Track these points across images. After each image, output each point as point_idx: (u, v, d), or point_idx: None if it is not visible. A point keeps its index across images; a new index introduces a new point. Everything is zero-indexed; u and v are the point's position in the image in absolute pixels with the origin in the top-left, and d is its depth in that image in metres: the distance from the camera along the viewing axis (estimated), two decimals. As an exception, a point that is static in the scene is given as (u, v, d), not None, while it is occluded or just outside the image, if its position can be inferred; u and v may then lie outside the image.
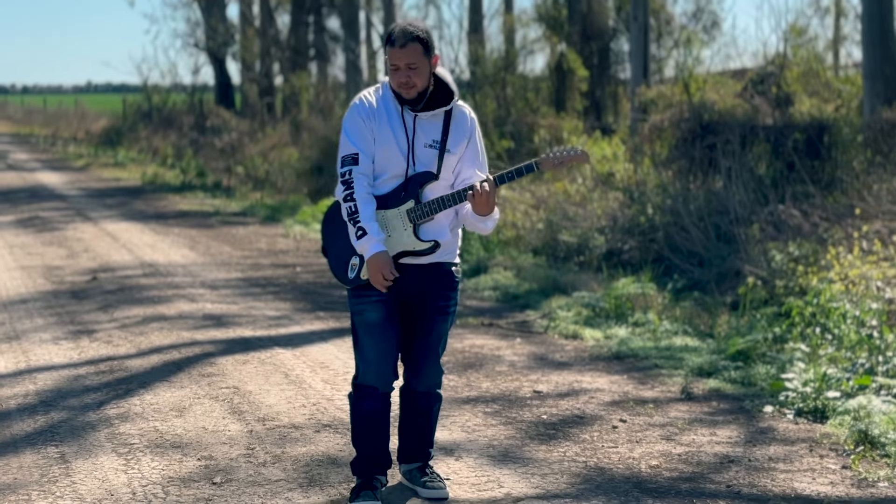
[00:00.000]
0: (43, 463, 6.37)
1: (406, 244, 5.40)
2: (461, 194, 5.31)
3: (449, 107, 5.41)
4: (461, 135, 5.45)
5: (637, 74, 23.12)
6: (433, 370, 5.68)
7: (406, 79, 5.27)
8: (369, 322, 5.49)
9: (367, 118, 5.39)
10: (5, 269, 13.22)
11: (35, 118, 62.37)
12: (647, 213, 14.40)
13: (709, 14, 33.60)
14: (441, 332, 5.61)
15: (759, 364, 8.50)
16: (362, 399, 5.62)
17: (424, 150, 5.39)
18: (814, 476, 6.19)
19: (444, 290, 5.55)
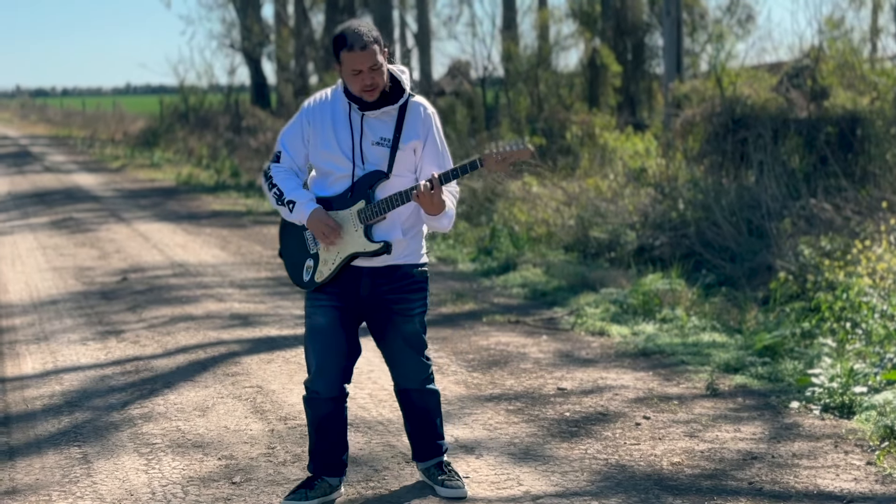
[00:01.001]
0: (65, 463, 6.39)
1: (357, 245, 5.31)
2: (407, 194, 5.21)
3: (399, 104, 5.30)
4: (415, 131, 5.33)
5: (670, 69, 23.01)
6: (413, 367, 5.60)
7: (371, 81, 5.19)
8: (316, 326, 5.46)
9: (307, 121, 5.39)
10: (37, 269, 13.29)
11: (74, 120, 62.69)
12: (679, 208, 14.33)
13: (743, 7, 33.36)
14: (408, 333, 5.51)
15: (787, 360, 8.43)
16: (308, 402, 5.61)
17: (372, 148, 5.29)
18: (837, 472, 6.13)
19: (402, 293, 5.43)
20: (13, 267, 13.58)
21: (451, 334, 9.55)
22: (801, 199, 13.51)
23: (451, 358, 8.71)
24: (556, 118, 22.18)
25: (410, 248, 5.42)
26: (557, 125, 22.00)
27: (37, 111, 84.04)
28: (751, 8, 33.48)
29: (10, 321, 10.39)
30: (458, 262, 13.58)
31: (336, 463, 5.63)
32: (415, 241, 5.44)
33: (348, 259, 5.32)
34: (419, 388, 5.66)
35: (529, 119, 22.54)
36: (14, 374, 8.47)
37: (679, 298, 10.53)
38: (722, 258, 12.80)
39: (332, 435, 5.59)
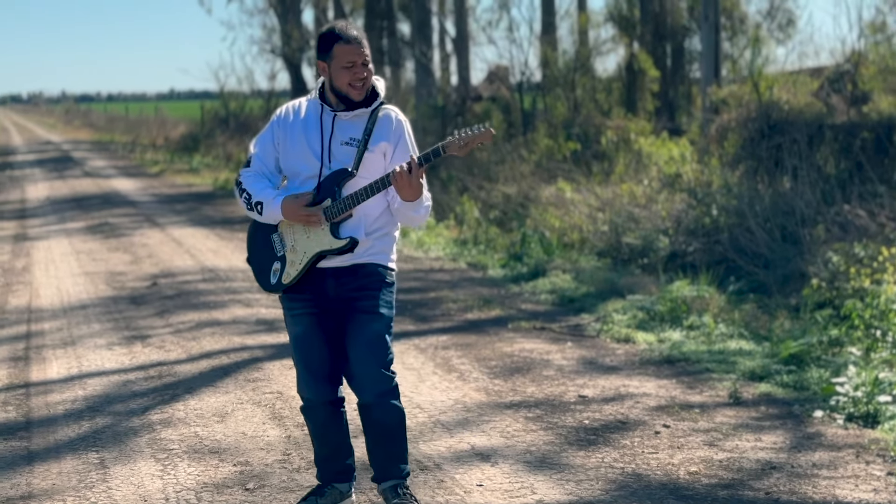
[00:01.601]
0: (82, 468, 6.41)
1: (324, 243, 5.25)
2: (382, 182, 5.15)
3: (371, 108, 5.29)
4: (385, 134, 5.30)
5: (708, 74, 22.89)
6: (371, 377, 5.31)
7: (364, 74, 5.20)
8: (295, 335, 5.46)
9: (278, 126, 5.39)
10: (70, 274, 13.36)
11: (117, 125, 63.13)
12: (712, 214, 14.25)
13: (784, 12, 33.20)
14: (373, 333, 5.30)
15: (814, 368, 8.36)
16: (303, 410, 5.58)
17: (341, 147, 5.27)
18: (857, 483, 6.07)
19: (367, 290, 5.31)
20: (46, 272, 13.66)
21: (475, 341, 9.52)
22: (836, 205, 13.41)
23: (474, 364, 8.69)
24: (592, 123, 22.11)
25: (376, 248, 5.34)
26: (593, 130, 21.94)
27: (81, 116, 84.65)
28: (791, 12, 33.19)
29: (40, 326, 10.45)
30: (487, 267, 13.56)
31: (343, 469, 5.60)
32: (381, 242, 5.36)
33: (315, 258, 5.28)
34: (377, 403, 5.34)
35: (564, 124, 22.46)
36: (39, 378, 8.51)
37: (707, 305, 10.46)
38: (755, 265, 12.72)
39: (332, 440, 5.56)
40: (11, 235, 17.45)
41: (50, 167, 33.71)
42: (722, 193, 14.71)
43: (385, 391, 5.35)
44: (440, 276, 13.05)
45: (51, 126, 78.01)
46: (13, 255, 15.25)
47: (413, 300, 11.45)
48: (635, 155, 19.41)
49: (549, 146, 21.28)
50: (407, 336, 9.68)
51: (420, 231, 16.34)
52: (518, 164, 20.38)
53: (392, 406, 5.40)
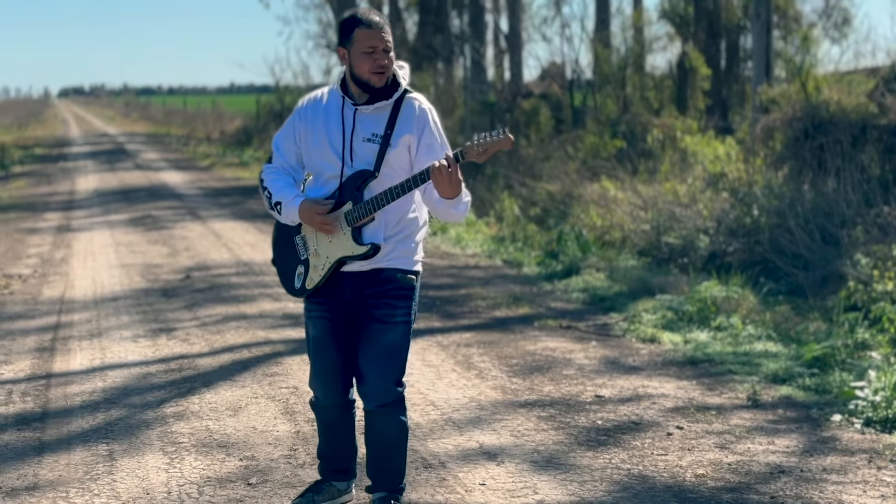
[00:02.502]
0: (90, 460, 6.44)
1: (345, 249, 5.11)
2: (415, 179, 4.95)
3: (392, 99, 5.09)
4: (408, 126, 5.09)
5: (759, 73, 22.71)
6: (377, 387, 5.20)
7: (385, 61, 5.01)
8: (311, 337, 5.37)
9: (300, 119, 5.24)
10: (107, 266, 13.46)
11: (174, 119, 63.56)
12: (753, 214, 14.13)
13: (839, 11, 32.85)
14: (385, 344, 5.18)
15: (838, 371, 8.26)
16: (312, 405, 5.53)
17: (363, 144, 5.08)
18: (865, 489, 5.98)
19: (384, 298, 5.16)
20: (84, 263, 13.77)
21: (499, 338, 9.49)
22: (876, 206, 13.26)
23: (494, 363, 8.65)
24: (638, 121, 22.00)
25: (396, 252, 5.16)
26: (639, 128, 21.82)
27: (140, 109, 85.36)
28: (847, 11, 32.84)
29: (70, 317, 10.52)
30: (523, 265, 13.52)
31: (344, 468, 5.57)
32: (402, 245, 5.18)
33: (337, 264, 5.16)
34: (379, 413, 5.25)
35: (611, 122, 22.35)
36: (61, 369, 8.57)
37: (736, 306, 10.36)
38: (795, 266, 12.60)
39: (336, 440, 5.52)
40: (55, 227, 17.61)
41: (102, 159, 34.00)
42: (764, 193, 14.59)
43: (388, 403, 5.24)
44: (474, 273, 13.03)
45: (109, 118, 78.74)
46: (54, 246, 15.38)
47: (443, 297, 11.44)
48: (681, 153, 19.29)
49: (596, 143, 21.20)
50: (431, 333, 9.66)
51: (459, 228, 16.32)
52: (564, 161, 20.31)
53: (395, 419, 5.28)
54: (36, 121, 70.34)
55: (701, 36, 29.60)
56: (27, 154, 36.88)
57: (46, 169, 30.52)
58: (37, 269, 13.37)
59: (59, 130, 60.17)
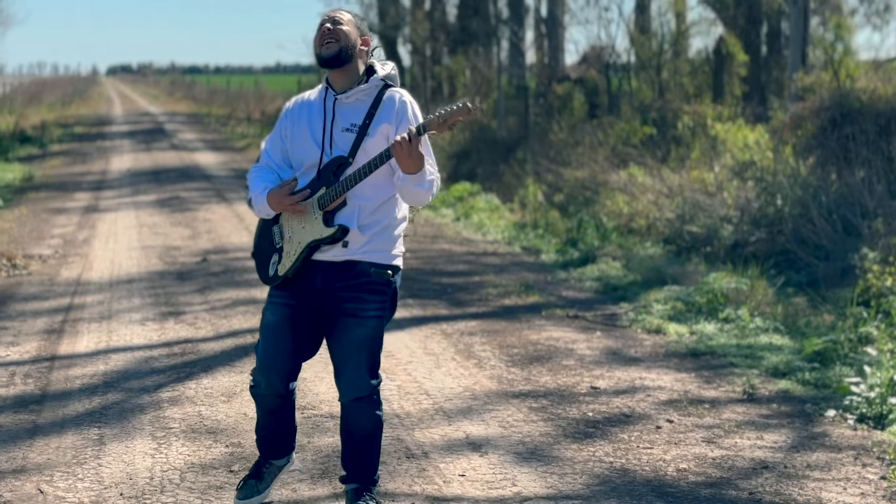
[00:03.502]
0: (80, 444, 6.51)
1: (315, 232, 5.16)
2: (380, 158, 5.03)
3: (368, 87, 5.20)
4: (386, 117, 5.18)
5: (795, 60, 22.55)
6: (350, 381, 5.25)
7: (329, 29, 5.15)
8: (266, 322, 5.38)
9: (286, 118, 5.37)
10: (127, 248, 13.56)
11: (216, 98, 63.70)
12: (776, 203, 14.07)
13: (881, -2, 32.49)
14: (357, 338, 5.20)
15: (839, 366, 8.23)
16: (251, 392, 5.52)
17: (342, 134, 5.18)
18: (846, 486, 5.97)
19: (355, 291, 5.17)
20: (106, 244, 13.89)
21: (504, 327, 9.51)
22: (899, 197, 13.17)
23: (495, 352, 8.67)
24: (669, 108, 21.89)
25: (372, 245, 5.18)
26: (670, 115, 21.72)
27: (184, 88, 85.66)
28: (889, -2, 32.47)
29: (83, 299, 10.62)
30: (542, 252, 13.52)
31: (282, 447, 5.61)
32: (379, 237, 5.20)
33: (309, 248, 5.20)
34: (353, 407, 5.28)
35: (640, 108, 22.27)
36: (66, 352, 8.66)
37: (746, 298, 10.32)
38: (816, 256, 12.54)
39: (275, 426, 5.54)
40: (83, 207, 17.75)
41: (140, 139, 34.19)
42: (788, 183, 14.51)
43: (361, 397, 5.27)
44: (490, 260, 13.04)
45: (153, 97, 79.12)
46: (78, 226, 15.51)
47: (455, 284, 11.46)
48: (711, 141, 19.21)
49: (626, 129, 21.12)
50: (437, 321, 9.69)
51: (482, 213, 16.33)
52: (594, 147, 20.27)
53: (368, 412, 5.31)
54: (81, 98, 70.75)
55: (741, 21, 29.41)
56: (66, 132, 37.14)
57: (83, 148, 30.73)
58: (58, 249, 13.49)
59: (103, 109, 60.55)
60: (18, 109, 43.22)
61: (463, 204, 17.36)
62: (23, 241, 14.07)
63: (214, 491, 5.77)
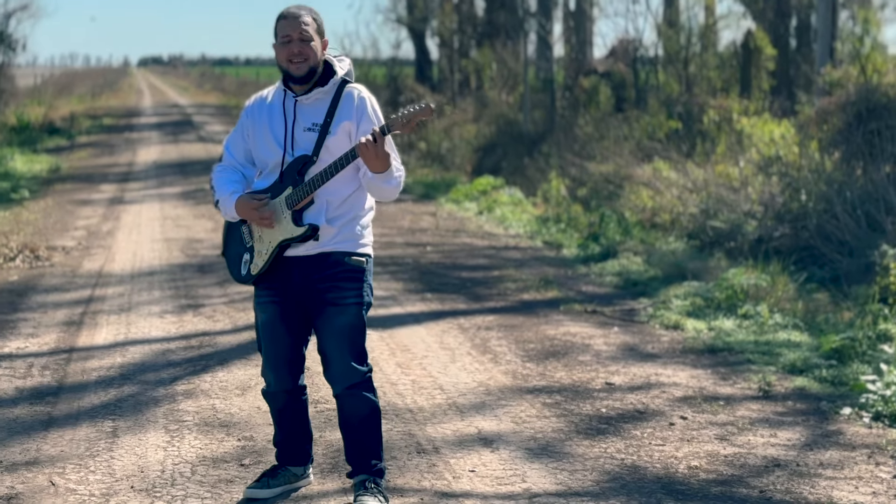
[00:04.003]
0: (94, 437, 6.54)
1: (286, 231, 5.26)
2: (346, 157, 5.13)
3: (328, 87, 5.26)
4: (346, 114, 5.27)
5: (823, 53, 22.43)
6: (341, 370, 5.34)
7: (298, 49, 5.19)
8: (260, 322, 5.51)
9: (248, 115, 5.44)
10: (150, 240, 13.61)
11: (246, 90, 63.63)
12: (801, 199, 14.00)
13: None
14: (342, 326, 5.30)
15: (857, 363, 8.18)
16: (263, 393, 5.65)
17: (304, 134, 5.27)
18: (858, 484, 5.94)
19: (333, 281, 5.28)
20: (129, 236, 13.95)
21: (521, 322, 9.50)
22: (922, 193, 13.09)
23: (511, 347, 8.67)
24: (695, 102, 21.82)
25: (342, 235, 5.30)
26: (696, 109, 21.65)
27: (213, 80, 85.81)
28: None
29: (104, 291, 10.67)
30: (563, 247, 13.49)
31: (299, 453, 5.67)
32: (347, 228, 5.31)
33: (280, 247, 5.29)
34: (348, 395, 5.37)
35: (666, 102, 22.20)
36: (85, 344, 8.70)
37: (766, 294, 10.27)
38: (839, 252, 12.48)
39: (289, 426, 5.63)
40: (108, 199, 17.83)
41: (167, 130, 34.30)
42: (813, 178, 14.44)
43: (355, 384, 5.36)
44: (511, 254, 13.03)
45: (183, 89, 79.32)
46: (103, 218, 15.58)
47: (475, 278, 11.46)
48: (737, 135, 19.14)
49: (651, 124, 21.07)
50: (454, 315, 9.69)
51: (504, 207, 16.32)
52: (619, 141, 20.23)
53: (363, 398, 5.39)
54: (111, 90, 70.99)
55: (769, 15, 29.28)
56: (95, 124, 37.32)
57: (111, 139, 30.87)
58: (81, 241, 13.56)
59: (132, 100, 60.77)
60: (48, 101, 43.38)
61: (486, 198, 17.35)
62: (47, 233, 14.15)
63: (224, 485, 5.79)
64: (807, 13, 29.83)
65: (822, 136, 16.52)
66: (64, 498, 5.62)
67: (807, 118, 19.41)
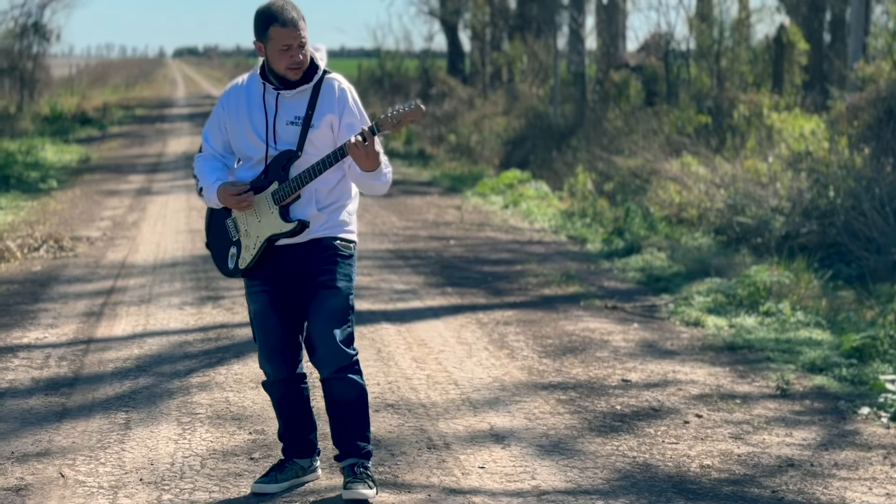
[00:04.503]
0: (106, 428, 6.55)
1: (273, 227, 5.29)
2: (335, 155, 5.16)
3: (312, 82, 5.28)
4: (329, 106, 5.29)
5: (856, 48, 22.30)
6: (331, 352, 5.35)
7: (301, 58, 5.21)
8: (253, 313, 5.54)
9: (223, 108, 5.43)
10: (174, 231, 13.64)
11: (280, 82, 63.89)
12: (829, 195, 13.91)
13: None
14: (331, 308, 5.33)
15: (878, 362, 8.11)
16: (263, 383, 5.69)
17: (286, 127, 5.28)
18: (871, 486, 5.88)
19: (324, 265, 5.33)
20: (154, 227, 13.98)
21: (540, 317, 9.45)
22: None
23: (529, 342, 8.63)
24: (725, 97, 21.70)
25: (332, 221, 5.35)
26: (726, 104, 21.53)
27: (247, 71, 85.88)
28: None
29: (126, 282, 10.69)
30: (587, 241, 13.44)
31: (304, 445, 5.67)
32: (336, 214, 5.36)
33: (267, 242, 5.32)
34: (336, 378, 5.41)
35: (696, 97, 22.08)
36: (103, 335, 8.72)
37: (788, 291, 10.19)
38: (867, 250, 12.38)
39: (291, 416, 5.63)
40: (136, 189, 17.89)
41: (199, 121, 34.31)
42: (841, 174, 14.34)
43: (343, 367, 5.40)
44: (534, 249, 12.98)
45: (217, 80, 79.42)
46: (129, 209, 15.63)
47: (496, 272, 11.43)
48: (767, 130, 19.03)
49: (681, 118, 20.97)
50: (473, 310, 9.66)
51: (530, 201, 16.26)
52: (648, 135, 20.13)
53: (351, 381, 5.44)
54: (145, 81, 71.25)
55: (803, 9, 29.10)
56: (127, 114, 37.46)
57: (143, 130, 30.98)
58: (106, 232, 13.60)
59: (166, 91, 60.99)
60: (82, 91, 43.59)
61: (512, 191, 17.30)
62: (73, 223, 14.20)
63: (233, 478, 5.79)
64: (841, 8, 29.62)
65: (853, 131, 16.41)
66: (73, 490, 5.63)
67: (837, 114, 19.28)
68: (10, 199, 16.30)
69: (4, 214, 14.77)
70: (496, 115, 28.30)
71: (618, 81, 25.87)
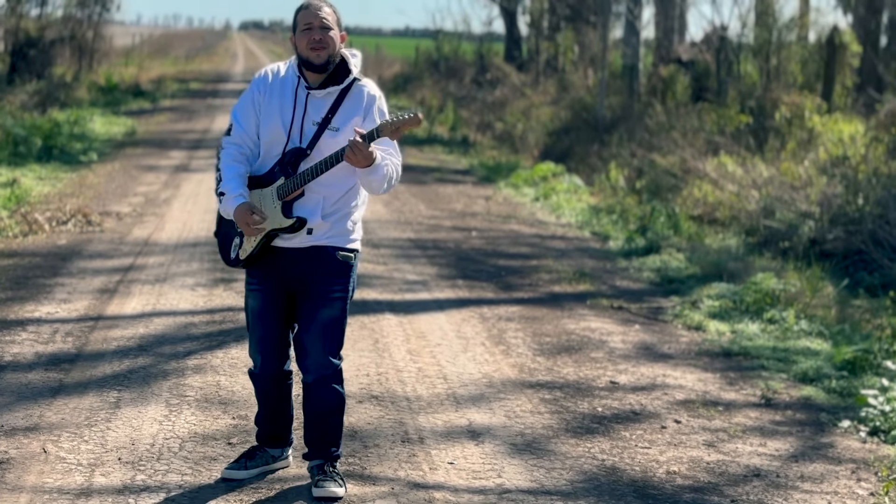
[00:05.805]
0: (97, 406, 6.75)
1: (275, 222, 5.42)
2: (335, 157, 5.29)
3: (342, 85, 5.43)
4: (352, 112, 5.43)
5: (905, 52, 22.13)
6: (317, 361, 5.54)
7: (320, 37, 5.35)
8: (250, 308, 5.70)
9: (259, 91, 5.52)
10: (203, 210, 13.86)
11: (339, 59, 63.98)
12: (858, 202, 13.92)
13: None
14: (325, 319, 5.50)
15: (869, 375, 8.18)
16: (250, 372, 5.83)
17: (312, 127, 5.43)
18: (832, 499, 5.99)
19: (325, 275, 5.48)
20: (184, 206, 14.21)
21: (544, 315, 9.58)
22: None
23: (526, 339, 8.76)
24: (769, 97, 21.65)
25: (335, 231, 5.48)
26: (769, 104, 21.48)
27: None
28: None
29: (145, 260, 10.91)
30: (610, 238, 13.52)
31: (278, 435, 5.85)
32: (339, 224, 5.47)
33: (267, 236, 5.46)
34: (318, 384, 5.58)
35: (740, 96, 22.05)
36: (113, 313, 8.94)
37: (795, 298, 10.25)
38: (891, 259, 12.41)
39: (271, 408, 5.80)
40: (174, 166, 18.13)
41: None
42: (872, 182, 14.34)
43: (327, 376, 5.58)
44: (555, 244, 13.09)
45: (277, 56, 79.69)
46: (164, 186, 15.87)
47: (511, 266, 11.55)
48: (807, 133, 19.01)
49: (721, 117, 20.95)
50: (479, 304, 9.80)
51: (560, 195, 16.34)
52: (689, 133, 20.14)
53: (332, 390, 5.61)
54: (206, 53, 71.77)
55: (861, 11, 28.93)
56: (181, 88, 37.79)
57: (193, 104, 31.28)
58: (137, 208, 13.84)
59: (225, 65, 61.40)
60: (140, 62, 44.02)
61: (545, 184, 17.39)
62: (106, 198, 14.46)
63: (208, 462, 5.97)
64: (897, 9, 29.40)
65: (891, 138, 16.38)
66: (52, 465, 5.83)
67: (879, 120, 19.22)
68: (50, 169, 16.59)
69: (42, 185, 15.05)
70: (544, 105, 28.33)
71: (665, 76, 25.84)
